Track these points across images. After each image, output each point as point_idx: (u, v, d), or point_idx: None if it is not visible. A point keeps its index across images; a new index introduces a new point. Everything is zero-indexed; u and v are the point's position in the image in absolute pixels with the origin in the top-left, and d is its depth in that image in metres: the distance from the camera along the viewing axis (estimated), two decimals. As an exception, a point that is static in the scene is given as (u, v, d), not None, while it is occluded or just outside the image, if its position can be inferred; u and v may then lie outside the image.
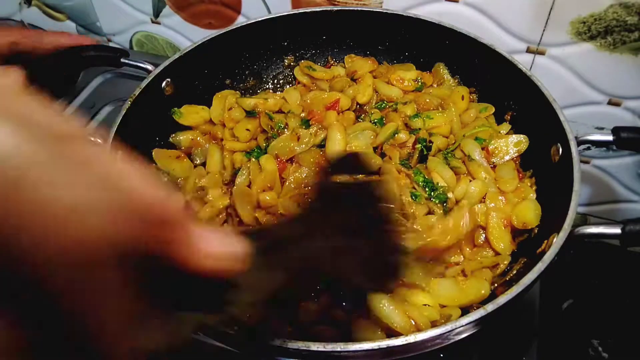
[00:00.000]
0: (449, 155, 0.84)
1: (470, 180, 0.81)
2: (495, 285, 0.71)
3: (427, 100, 0.91)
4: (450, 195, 0.79)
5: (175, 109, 0.91)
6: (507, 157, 0.84)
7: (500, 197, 0.79)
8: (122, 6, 1.25)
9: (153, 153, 0.87)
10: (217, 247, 0.31)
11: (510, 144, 0.85)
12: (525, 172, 0.84)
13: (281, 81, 1.03)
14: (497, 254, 0.74)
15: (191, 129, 0.93)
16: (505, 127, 0.89)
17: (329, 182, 0.51)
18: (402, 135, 0.85)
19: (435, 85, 0.97)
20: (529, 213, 0.75)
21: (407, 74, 0.96)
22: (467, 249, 0.75)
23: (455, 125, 0.88)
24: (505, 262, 0.72)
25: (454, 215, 0.74)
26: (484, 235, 0.76)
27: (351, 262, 0.46)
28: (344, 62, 1.02)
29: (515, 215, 0.76)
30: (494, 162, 0.84)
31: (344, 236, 0.46)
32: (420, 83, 0.96)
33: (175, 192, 0.26)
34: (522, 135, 0.85)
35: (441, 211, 0.76)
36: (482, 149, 0.84)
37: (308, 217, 0.48)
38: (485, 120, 0.89)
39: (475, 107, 0.92)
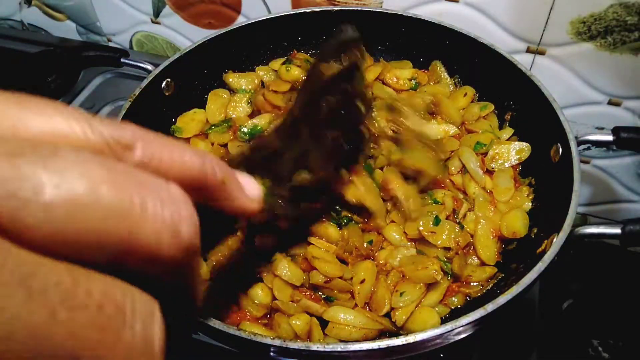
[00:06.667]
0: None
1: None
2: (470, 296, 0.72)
3: (420, 101, 0.88)
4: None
5: (173, 126, 0.91)
6: (507, 164, 0.82)
7: (490, 207, 0.78)
8: (122, 6, 1.25)
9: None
10: (255, 190, 0.35)
11: (512, 151, 0.83)
12: (524, 179, 0.82)
13: (281, 81, 1.03)
14: (482, 262, 0.75)
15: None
16: (508, 132, 0.88)
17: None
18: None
19: (431, 84, 0.96)
20: (518, 222, 0.75)
21: (403, 73, 0.95)
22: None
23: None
24: (484, 276, 0.73)
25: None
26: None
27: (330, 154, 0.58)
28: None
29: (505, 224, 0.76)
30: (492, 167, 0.82)
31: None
32: (414, 83, 0.95)
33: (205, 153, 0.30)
34: (524, 143, 0.83)
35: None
36: (482, 154, 0.83)
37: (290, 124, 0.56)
38: (489, 125, 0.88)
39: (476, 106, 0.91)
